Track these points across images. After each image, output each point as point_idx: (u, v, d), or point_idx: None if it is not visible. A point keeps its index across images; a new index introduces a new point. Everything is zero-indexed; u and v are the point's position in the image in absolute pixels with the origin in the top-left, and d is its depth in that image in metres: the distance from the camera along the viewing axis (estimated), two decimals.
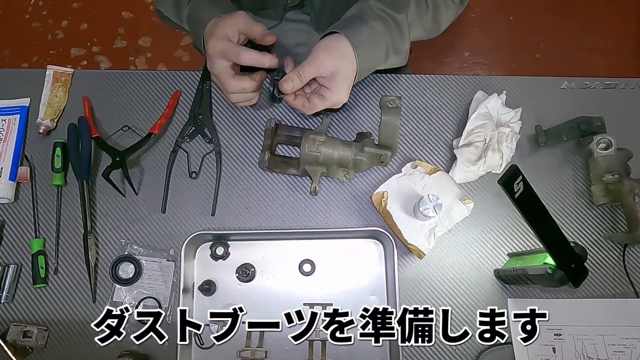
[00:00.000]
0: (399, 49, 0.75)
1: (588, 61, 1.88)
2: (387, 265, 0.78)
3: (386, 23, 0.72)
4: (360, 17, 0.72)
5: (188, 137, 0.84)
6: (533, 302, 0.77)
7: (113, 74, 0.89)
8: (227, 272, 0.78)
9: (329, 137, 0.80)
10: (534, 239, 0.80)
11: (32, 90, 0.87)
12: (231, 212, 0.81)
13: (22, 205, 0.81)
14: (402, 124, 0.86)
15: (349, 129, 0.85)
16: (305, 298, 0.77)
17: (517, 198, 0.61)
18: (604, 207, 0.81)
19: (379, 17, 0.72)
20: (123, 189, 0.81)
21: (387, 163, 0.81)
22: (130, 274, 0.78)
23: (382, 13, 0.72)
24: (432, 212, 0.71)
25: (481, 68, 1.88)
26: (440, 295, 0.78)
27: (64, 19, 1.92)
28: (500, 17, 1.93)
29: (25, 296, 0.78)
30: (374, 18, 0.72)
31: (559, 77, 0.88)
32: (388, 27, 0.72)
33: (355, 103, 0.87)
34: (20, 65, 1.86)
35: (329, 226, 0.81)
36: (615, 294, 0.78)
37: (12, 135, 0.84)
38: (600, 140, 0.79)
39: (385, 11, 0.72)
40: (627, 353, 0.74)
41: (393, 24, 0.73)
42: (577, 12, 1.93)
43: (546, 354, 0.74)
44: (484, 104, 0.82)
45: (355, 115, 0.86)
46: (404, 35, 0.74)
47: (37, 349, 0.75)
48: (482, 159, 0.79)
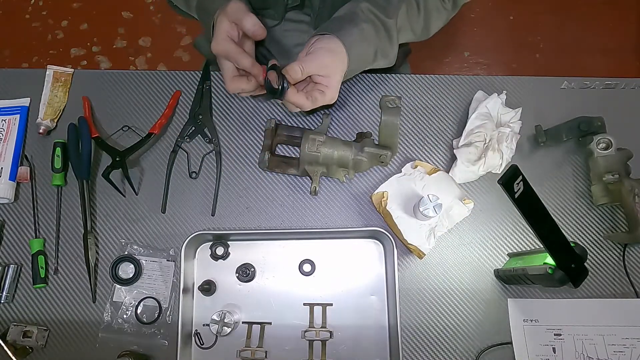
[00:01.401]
0: (387, 53, 0.76)
1: (588, 61, 1.88)
2: (387, 265, 0.78)
3: (376, 27, 0.73)
4: (352, 19, 0.73)
5: (188, 137, 0.84)
6: (533, 302, 0.77)
7: (113, 74, 0.89)
8: (227, 272, 0.78)
9: (329, 137, 0.80)
10: (534, 239, 0.80)
11: (32, 90, 0.87)
12: (231, 212, 0.81)
13: (22, 205, 0.81)
14: (402, 124, 0.86)
15: (349, 129, 0.85)
16: (305, 298, 0.77)
17: (517, 198, 0.61)
18: (604, 207, 0.81)
19: (370, 20, 0.72)
20: (123, 189, 0.81)
21: (387, 163, 0.81)
22: (130, 274, 0.78)
23: (372, 16, 0.73)
24: (432, 212, 0.71)
25: (481, 68, 1.88)
26: (440, 295, 0.78)
27: (64, 19, 1.92)
28: (500, 17, 1.93)
29: (25, 296, 0.78)
30: (365, 21, 0.72)
31: (559, 77, 0.88)
32: (377, 31, 0.73)
33: (355, 103, 0.87)
34: (20, 65, 1.86)
35: (329, 226, 0.81)
36: (615, 294, 0.78)
37: (12, 135, 0.84)
38: (600, 140, 0.79)
39: (376, 15, 0.73)
40: (627, 353, 0.74)
41: (382, 28, 0.73)
42: (577, 12, 1.93)
43: (546, 354, 0.74)
44: (484, 104, 0.82)
45: (355, 115, 0.86)
46: (392, 40, 0.75)
47: (37, 349, 0.75)
48: (482, 159, 0.79)
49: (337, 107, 0.86)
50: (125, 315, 0.76)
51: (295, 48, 0.92)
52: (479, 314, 0.77)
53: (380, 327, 0.76)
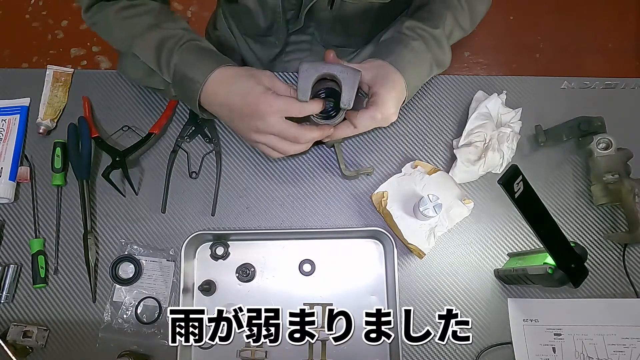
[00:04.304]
0: (441, 62, 0.76)
1: (588, 61, 1.88)
2: (387, 265, 0.78)
3: (426, 41, 0.73)
4: (400, 40, 0.73)
5: (188, 137, 0.84)
6: (533, 302, 0.77)
7: (113, 74, 0.88)
8: (227, 272, 0.78)
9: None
10: (534, 239, 0.80)
11: (32, 90, 0.87)
12: (231, 212, 0.81)
13: (22, 205, 0.81)
14: (402, 124, 0.86)
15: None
16: (305, 298, 0.77)
17: (517, 198, 0.61)
18: (604, 207, 0.81)
19: (419, 36, 0.73)
20: (123, 189, 0.81)
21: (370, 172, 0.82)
22: (130, 274, 0.78)
23: (420, 31, 0.73)
24: (432, 212, 0.71)
25: (481, 68, 1.89)
26: (440, 295, 0.78)
27: (64, 19, 1.93)
28: (500, 17, 1.93)
29: (25, 296, 0.78)
30: (414, 38, 0.73)
31: (559, 77, 0.88)
32: (428, 45, 0.73)
33: None
34: (20, 65, 1.86)
35: (329, 226, 0.81)
36: (615, 294, 0.78)
37: (12, 135, 0.84)
38: (600, 140, 0.79)
39: (422, 29, 0.74)
40: (627, 353, 0.74)
41: (432, 39, 0.74)
42: (577, 12, 1.94)
43: (546, 354, 0.74)
44: (484, 104, 0.82)
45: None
46: (444, 48, 0.75)
47: (37, 349, 0.75)
48: (482, 159, 0.79)
49: None
50: (125, 315, 0.76)
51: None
52: (479, 314, 0.77)
53: None
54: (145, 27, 0.71)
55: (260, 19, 0.85)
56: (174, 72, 0.69)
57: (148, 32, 0.71)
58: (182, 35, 0.70)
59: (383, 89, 0.68)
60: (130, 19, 0.72)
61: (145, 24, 0.71)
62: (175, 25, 0.73)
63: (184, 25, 0.74)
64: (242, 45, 0.95)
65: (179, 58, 0.69)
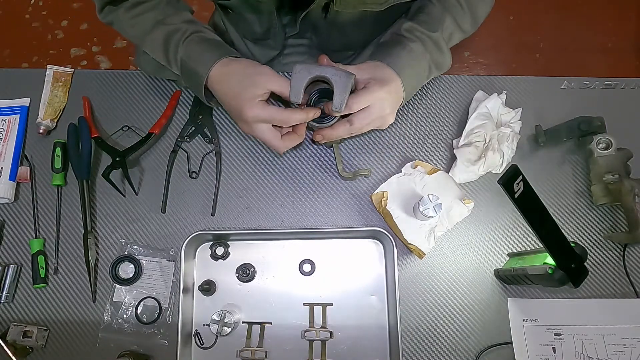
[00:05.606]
0: (440, 64, 0.76)
1: (588, 61, 1.88)
2: (387, 265, 0.78)
3: (424, 43, 0.73)
4: (398, 42, 0.73)
5: (188, 137, 0.84)
6: (533, 302, 0.77)
7: (113, 74, 0.88)
8: (227, 272, 0.78)
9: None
10: (534, 239, 0.80)
11: (32, 90, 0.87)
12: (231, 212, 0.81)
13: (22, 205, 0.81)
14: (402, 124, 0.86)
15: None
16: (305, 298, 0.77)
17: (517, 198, 0.61)
18: (604, 207, 0.81)
19: (417, 38, 0.73)
20: (123, 189, 0.81)
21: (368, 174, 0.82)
22: (130, 274, 0.78)
23: (418, 34, 0.74)
24: (432, 212, 0.71)
25: (481, 68, 1.89)
26: (440, 295, 0.78)
27: (64, 19, 1.93)
28: (500, 17, 1.93)
29: (25, 296, 0.78)
30: (413, 40, 0.73)
31: (559, 77, 0.88)
32: (427, 47, 0.74)
33: None
34: (20, 65, 1.87)
35: (329, 226, 0.81)
36: (615, 294, 0.78)
37: (12, 135, 0.84)
38: (600, 140, 0.79)
39: (421, 31, 0.74)
40: (627, 353, 0.74)
41: (430, 42, 0.74)
42: (577, 12, 1.94)
43: (546, 354, 0.74)
44: (484, 104, 0.82)
45: None
46: (443, 51, 0.76)
47: (37, 349, 0.75)
48: (482, 159, 0.79)
49: None
50: (125, 315, 0.76)
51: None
52: (479, 314, 0.77)
53: (380, 327, 0.76)
54: (152, 25, 0.74)
55: (256, 25, 0.86)
56: (180, 65, 0.73)
57: (154, 29, 0.74)
58: (185, 29, 0.73)
59: (379, 89, 0.68)
60: (138, 17, 0.75)
61: (152, 21, 0.74)
62: (180, 17, 0.75)
63: (188, 17, 0.77)
64: (240, 46, 0.96)
65: (184, 51, 0.72)
